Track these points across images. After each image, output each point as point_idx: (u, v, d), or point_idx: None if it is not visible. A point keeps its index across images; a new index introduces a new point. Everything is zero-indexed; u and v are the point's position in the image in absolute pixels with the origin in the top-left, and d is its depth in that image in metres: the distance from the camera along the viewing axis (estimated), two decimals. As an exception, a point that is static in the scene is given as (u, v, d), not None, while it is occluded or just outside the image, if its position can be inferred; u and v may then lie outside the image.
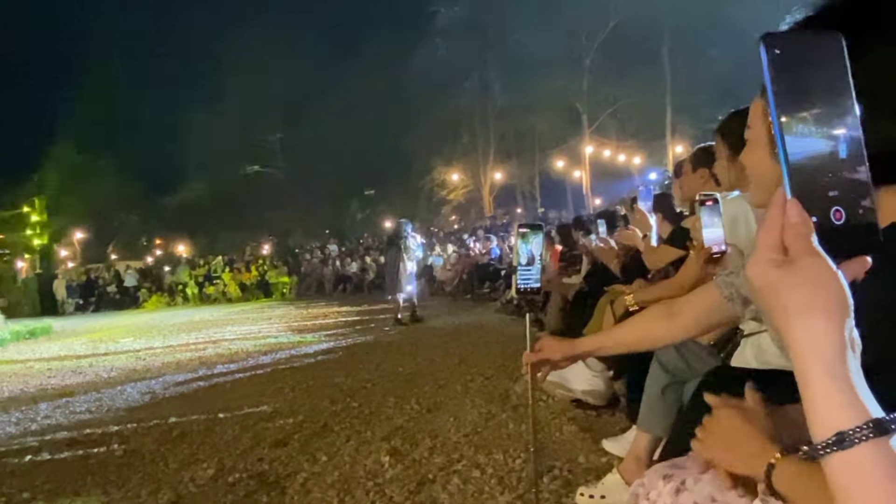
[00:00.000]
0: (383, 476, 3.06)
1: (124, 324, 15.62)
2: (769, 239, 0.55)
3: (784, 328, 0.53)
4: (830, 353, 0.51)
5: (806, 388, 0.52)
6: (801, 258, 0.53)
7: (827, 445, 0.51)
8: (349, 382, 5.48)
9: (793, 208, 0.53)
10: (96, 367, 7.94)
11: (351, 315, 13.13)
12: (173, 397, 5.56)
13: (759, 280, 0.55)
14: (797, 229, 0.53)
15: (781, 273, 0.53)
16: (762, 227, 0.55)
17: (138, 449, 3.91)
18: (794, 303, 0.52)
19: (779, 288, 0.53)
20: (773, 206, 0.55)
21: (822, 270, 0.52)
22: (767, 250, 0.54)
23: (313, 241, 31.60)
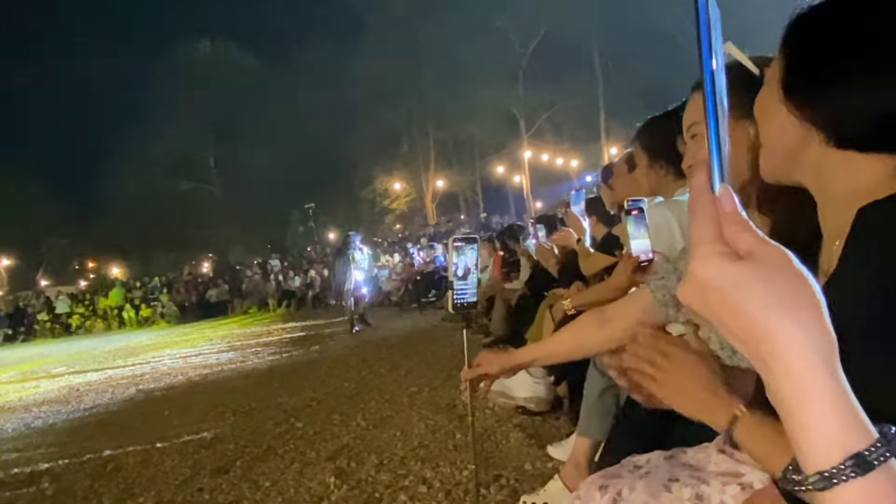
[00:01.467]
0: (329, 498, 2.99)
1: (57, 352, 14.94)
2: (708, 231, 0.47)
3: (763, 333, 0.43)
4: (831, 353, 0.43)
5: (804, 401, 0.43)
6: (759, 249, 0.45)
7: (841, 472, 0.41)
8: (293, 402, 5.36)
9: (727, 196, 0.47)
10: (25, 401, 7.54)
11: (296, 331, 12.90)
12: (108, 429, 5.31)
13: (719, 278, 0.45)
14: (736, 219, 0.47)
15: (746, 267, 0.45)
16: (695, 221, 0.48)
17: (70, 487, 3.72)
18: (776, 299, 0.43)
19: (749, 284, 0.44)
20: (700, 196, 0.48)
21: (789, 260, 0.45)
22: (713, 244, 0.46)
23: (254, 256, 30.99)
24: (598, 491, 1.23)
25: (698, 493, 1.13)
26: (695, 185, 0.48)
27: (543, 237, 5.08)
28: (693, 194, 0.48)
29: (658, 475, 1.21)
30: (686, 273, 0.48)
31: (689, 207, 0.48)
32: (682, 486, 1.14)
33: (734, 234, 0.46)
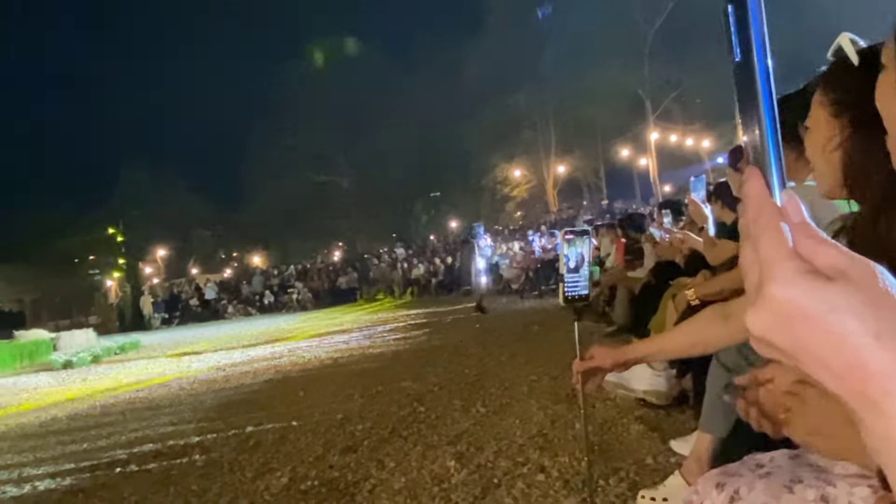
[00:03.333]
0: (449, 481, 3.08)
1: (206, 336, 16.30)
2: (782, 247, 0.39)
3: (874, 367, 0.36)
4: None
5: None
6: (850, 266, 0.38)
7: None
8: (416, 387, 5.54)
9: (793, 204, 0.41)
10: (180, 380, 8.32)
11: (419, 318, 13.26)
12: (250, 407, 5.76)
13: (810, 303, 0.37)
14: (809, 230, 0.40)
15: (842, 288, 0.37)
16: (762, 236, 0.40)
17: (217, 459, 4.08)
18: (887, 325, 0.36)
19: (850, 309, 0.36)
20: (761, 205, 0.41)
21: (886, 278, 0.38)
22: (792, 261, 0.39)
23: (381, 245, 32.14)
24: (715, 489, 1.20)
25: (823, 494, 1.07)
26: (752, 195, 0.42)
27: (669, 223, 4.89)
28: (752, 204, 0.42)
29: (780, 475, 1.16)
30: (759, 298, 0.40)
31: (751, 220, 0.41)
32: (806, 487, 1.09)
33: (811, 249, 0.39)
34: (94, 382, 9.16)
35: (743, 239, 0.42)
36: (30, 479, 4.14)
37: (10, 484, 4.08)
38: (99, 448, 4.81)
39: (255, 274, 30.80)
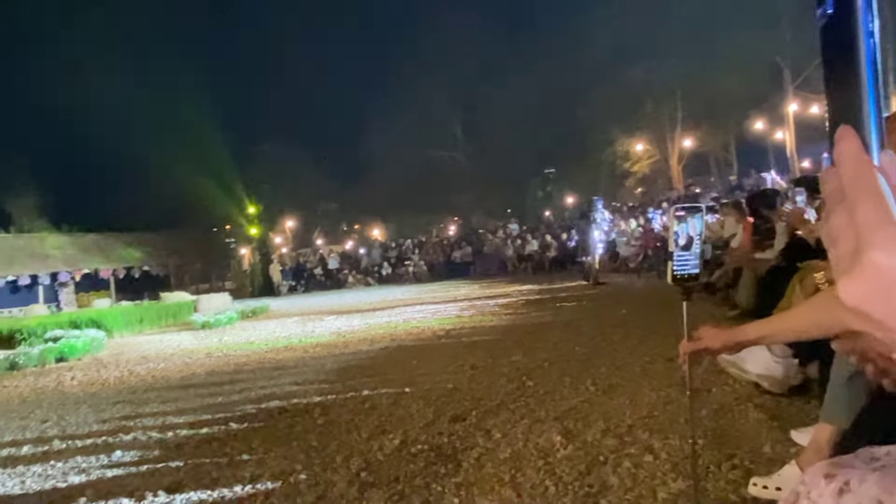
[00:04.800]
0: (554, 455, 3.10)
1: (329, 303, 17.15)
2: (885, 212, 0.37)
3: None
4: None
5: None
6: None
7: None
8: (526, 361, 5.58)
9: (894, 164, 0.40)
10: (304, 343, 8.84)
11: (531, 294, 13.23)
12: (366, 372, 6.04)
13: None
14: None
15: None
16: (860, 200, 0.38)
17: (335, 419, 4.33)
18: None
19: None
20: (860, 167, 0.39)
21: None
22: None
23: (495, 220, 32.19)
24: (825, 479, 1.15)
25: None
26: (847, 155, 0.40)
27: (803, 202, 4.58)
28: (847, 166, 0.40)
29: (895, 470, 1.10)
30: (856, 266, 0.38)
31: (846, 182, 0.39)
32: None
33: None
34: (229, 342, 9.93)
35: (833, 204, 0.41)
36: (172, 427, 4.59)
37: (155, 430, 4.55)
38: (231, 402, 5.24)
39: (374, 246, 31.91)
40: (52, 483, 3.53)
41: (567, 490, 2.68)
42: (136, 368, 7.94)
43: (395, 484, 2.97)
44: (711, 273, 8.50)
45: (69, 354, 9.45)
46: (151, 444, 4.16)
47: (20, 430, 5.01)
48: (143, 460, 3.81)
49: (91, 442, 4.38)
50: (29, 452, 4.27)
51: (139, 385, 6.66)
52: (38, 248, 25.90)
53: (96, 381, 7.20)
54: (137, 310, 14.87)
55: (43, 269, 25.04)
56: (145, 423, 4.75)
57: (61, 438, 4.55)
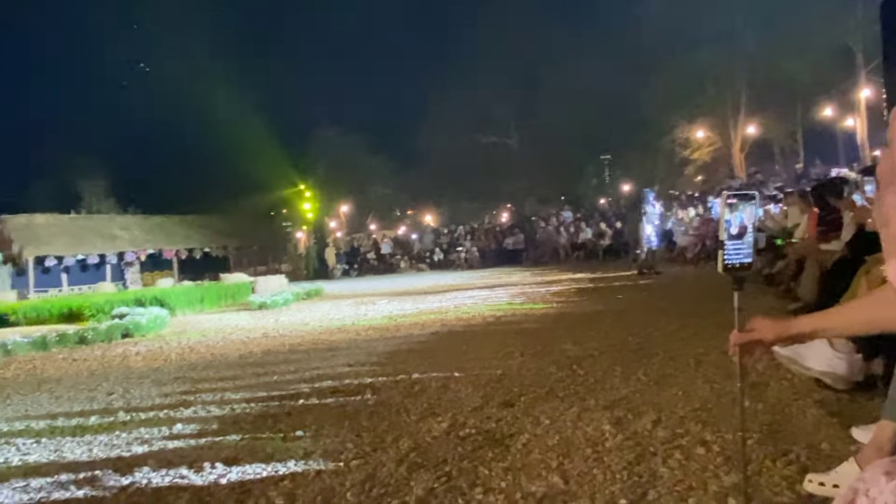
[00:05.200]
0: (603, 444, 3.08)
1: (381, 287, 17.38)
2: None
3: None
4: None
5: None
6: None
7: None
8: (576, 350, 5.54)
9: None
10: (357, 326, 9.00)
11: (583, 282, 13.09)
12: (416, 356, 6.11)
13: None
14: None
15: None
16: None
17: (386, 400, 4.40)
18: None
19: None
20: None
21: None
22: None
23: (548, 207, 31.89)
24: (885, 476, 1.12)
25: None
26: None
27: (872, 191, 4.37)
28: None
29: (961, 471, 1.05)
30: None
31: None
32: None
33: None
34: (284, 323, 10.18)
35: (886, 185, 0.40)
36: (229, 402, 4.76)
37: (213, 405, 4.72)
38: (286, 381, 5.39)
39: (427, 232, 32.08)
40: (118, 452, 3.71)
41: (615, 479, 2.66)
42: (196, 346, 8.24)
43: (442, 466, 3.01)
44: (773, 264, 8.24)
45: (134, 331, 9.87)
46: (210, 419, 4.32)
47: (88, 401, 5.28)
48: (202, 433, 3.97)
49: (153, 415, 4.58)
50: (96, 423, 4.49)
51: (199, 362, 6.91)
52: (106, 229, 27.02)
53: (159, 357, 7.51)
54: (198, 290, 15.40)
55: (110, 248, 26.13)
56: (204, 399, 4.93)
57: (126, 410, 4.77)
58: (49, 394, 5.71)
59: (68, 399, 5.41)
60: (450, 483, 2.79)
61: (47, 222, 25.38)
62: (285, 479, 3.01)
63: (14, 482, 3.29)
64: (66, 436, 4.18)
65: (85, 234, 26.06)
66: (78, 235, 25.67)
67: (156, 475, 3.22)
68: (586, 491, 2.58)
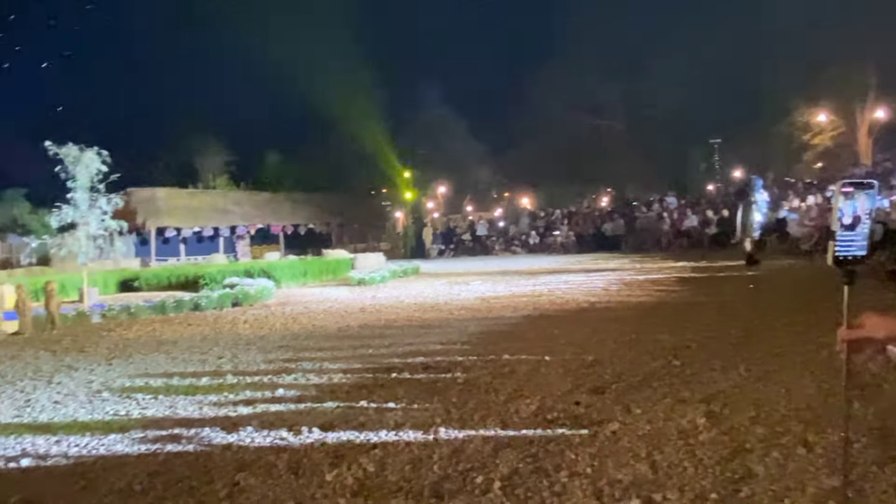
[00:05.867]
0: (696, 437, 2.99)
1: (476, 268, 17.47)
2: None
3: None
4: None
5: None
6: None
7: None
8: (673, 341, 5.37)
9: None
10: (450, 305, 9.12)
11: (685, 271, 12.60)
12: (507, 338, 6.13)
13: None
14: None
15: None
16: None
17: (475, 379, 4.46)
18: None
19: None
20: None
21: None
22: None
23: (651, 193, 30.80)
24: None
25: None
26: None
27: None
28: None
29: None
30: None
31: None
32: None
33: None
34: (381, 299, 10.47)
35: None
36: (327, 372, 4.98)
37: (312, 373, 4.96)
38: (380, 355, 5.57)
39: (523, 214, 31.86)
40: (225, 412, 3.99)
41: (707, 473, 2.59)
42: (298, 317, 8.64)
43: (528, 447, 3.03)
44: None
45: (243, 300, 10.47)
46: (308, 386, 4.55)
47: (200, 363, 5.68)
48: (301, 399, 4.18)
49: (258, 379, 4.87)
50: (206, 383, 4.83)
51: (301, 332, 7.25)
52: (220, 204, 28.66)
53: (265, 326, 7.94)
54: (302, 264, 16.09)
55: (224, 222, 27.71)
56: (304, 367, 5.18)
57: (234, 374, 5.10)
58: (166, 355, 6.19)
59: (183, 360, 5.84)
60: (535, 464, 2.81)
61: (168, 196, 27.21)
62: (377, 448, 3.13)
63: (133, 433, 3.61)
64: (179, 394, 4.53)
65: (201, 208, 27.75)
66: (195, 209, 27.38)
67: (258, 435, 3.44)
68: (675, 483, 2.52)
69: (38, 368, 5.77)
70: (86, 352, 6.59)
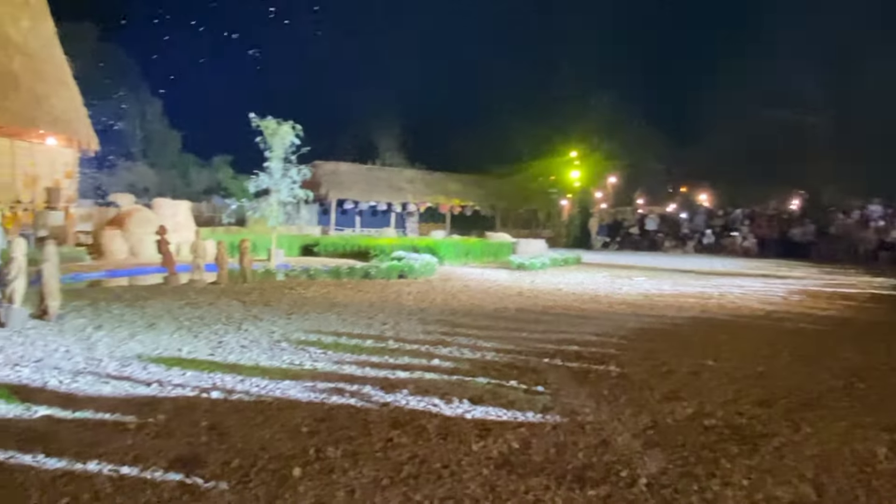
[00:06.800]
0: (873, 467, 2.71)
1: (641, 263, 16.85)
2: None
3: None
4: None
5: None
6: None
7: None
8: (859, 360, 4.85)
9: None
10: (610, 298, 8.91)
11: (884, 288, 11.24)
12: (668, 337, 5.88)
13: None
14: None
15: None
16: None
17: (629, 375, 4.35)
18: None
19: None
20: None
21: None
22: None
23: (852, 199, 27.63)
24: None
25: None
26: None
27: None
28: None
29: None
30: None
31: None
32: None
33: None
34: (539, 285, 10.47)
35: None
36: (480, 349, 5.10)
37: (467, 348, 5.11)
38: (534, 339, 5.60)
39: (699, 212, 30.06)
40: (384, 374, 4.25)
41: (883, 507, 2.34)
42: (458, 294, 8.90)
43: (680, 449, 2.92)
44: None
45: (408, 273, 10.99)
46: (462, 360, 4.70)
47: (366, 326, 6.07)
48: (454, 371, 4.34)
49: (416, 347, 5.11)
50: (370, 346, 5.17)
51: (459, 308, 7.48)
52: (394, 181, 30.13)
53: (426, 299, 8.29)
54: (465, 244, 16.52)
55: (397, 198, 29.13)
56: (460, 342, 5.36)
57: (395, 340, 5.40)
58: (337, 315, 6.68)
59: (351, 322, 6.28)
60: (685, 468, 2.71)
61: (349, 170, 29.10)
62: (523, 427, 3.19)
63: (304, 382, 3.97)
64: (346, 352, 4.89)
65: (378, 183, 29.36)
66: (372, 184, 29.03)
67: (413, 399, 3.63)
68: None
69: (230, 315, 6.50)
70: (270, 305, 7.31)
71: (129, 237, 13.32)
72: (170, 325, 5.82)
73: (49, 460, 2.63)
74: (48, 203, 14.06)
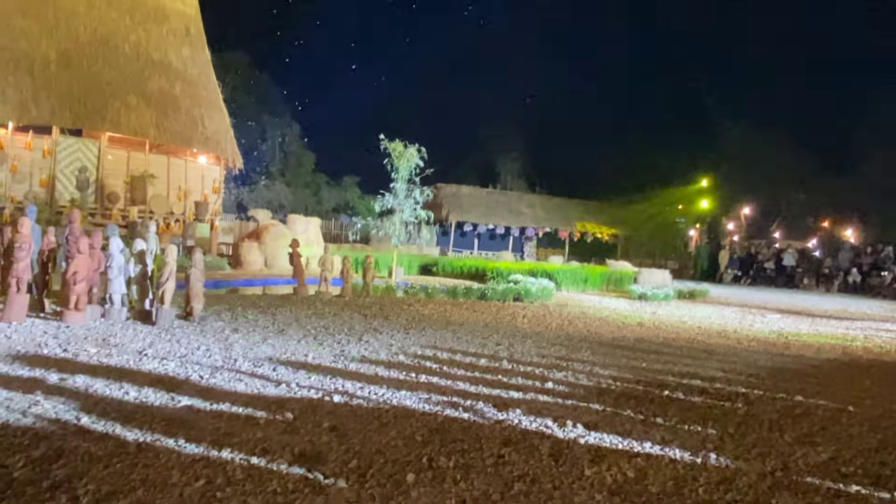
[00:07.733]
0: None
1: (775, 300, 15.76)
2: None
3: None
4: None
5: None
6: None
7: None
8: None
9: None
10: (739, 334, 8.42)
11: None
12: (804, 378, 5.46)
13: None
14: None
15: None
16: None
17: (759, 414, 4.09)
18: None
19: None
20: None
21: None
22: None
23: None
24: None
25: None
26: None
27: None
28: None
29: None
30: None
31: None
32: None
33: None
34: (662, 317, 10.08)
35: None
36: (597, 376, 4.99)
37: (582, 374, 5.02)
38: (654, 370, 5.40)
39: (844, 248, 27.67)
40: (497, 392, 4.26)
41: None
42: (574, 320, 8.76)
43: (812, 494, 2.71)
44: None
45: (524, 296, 10.95)
46: (577, 385, 4.62)
47: (480, 346, 6.12)
48: (569, 395, 4.28)
49: (530, 369, 5.09)
50: (484, 364, 5.21)
51: (575, 334, 7.36)
52: (514, 205, 30.20)
53: (541, 323, 8.22)
54: (584, 271, 16.21)
55: (515, 223, 29.15)
56: (575, 367, 5.27)
57: (509, 360, 5.40)
58: (452, 333, 6.79)
59: (466, 341, 6.35)
60: (818, 515, 2.51)
61: (469, 193, 29.53)
62: (639, 457, 3.09)
63: (419, 393, 4.06)
64: (460, 368, 4.96)
65: (497, 207, 29.56)
66: (491, 208, 29.27)
67: (525, 419, 3.62)
68: None
69: (352, 327, 6.79)
70: (389, 319, 7.55)
71: (265, 249, 14.27)
72: (297, 332, 6.18)
73: (189, 445, 2.87)
74: (196, 215, 15.36)
